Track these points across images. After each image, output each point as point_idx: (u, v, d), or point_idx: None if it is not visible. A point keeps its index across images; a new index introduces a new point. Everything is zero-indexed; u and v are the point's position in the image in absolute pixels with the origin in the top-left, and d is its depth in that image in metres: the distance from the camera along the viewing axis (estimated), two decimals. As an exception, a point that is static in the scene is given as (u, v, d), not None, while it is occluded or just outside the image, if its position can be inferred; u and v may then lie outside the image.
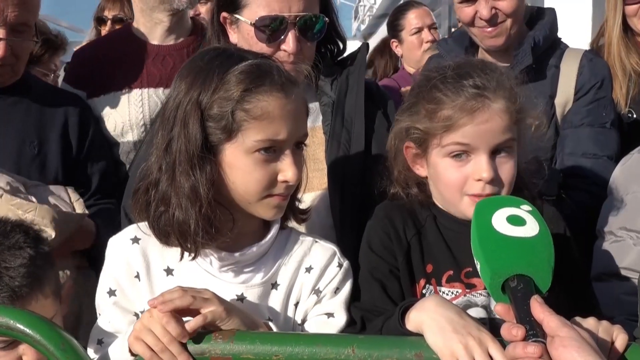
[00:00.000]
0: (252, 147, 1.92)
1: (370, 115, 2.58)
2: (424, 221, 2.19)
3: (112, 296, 2.06)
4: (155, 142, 2.03)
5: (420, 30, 5.33)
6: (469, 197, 2.06)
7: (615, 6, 3.55)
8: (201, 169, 1.91)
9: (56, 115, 3.06)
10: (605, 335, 1.68)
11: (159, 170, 1.98)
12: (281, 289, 2.06)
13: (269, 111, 1.91)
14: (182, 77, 2.00)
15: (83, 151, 3.08)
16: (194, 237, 1.93)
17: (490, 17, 2.95)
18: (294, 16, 2.39)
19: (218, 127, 1.92)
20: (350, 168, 2.49)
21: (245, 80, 1.91)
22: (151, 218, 2.01)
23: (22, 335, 1.84)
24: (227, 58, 1.98)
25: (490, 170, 2.02)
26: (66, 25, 16.57)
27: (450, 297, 2.08)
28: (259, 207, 2.00)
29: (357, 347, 1.73)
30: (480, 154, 2.04)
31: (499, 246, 1.70)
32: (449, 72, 2.10)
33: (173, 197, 1.94)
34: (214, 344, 1.78)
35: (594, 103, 3.01)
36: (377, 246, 2.15)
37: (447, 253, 2.14)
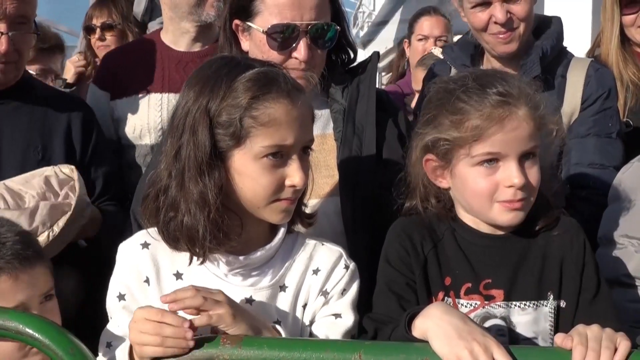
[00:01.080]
0: (260, 152, 1.96)
1: (381, 123, 2.60)
2: (441, 235, 2.20)
3: (122, 300, 2.09)
4: (165, 149, 2.06)
5: (425, 39, 5.31)
6: (500, 203, 2.09)
7: (613, 16, 3.56)
8: (210, 175, 1.95)
9: (60, 120, 3.07)
10: (608, 342, 1.71)
11: (169, 176, 2.01)
12: (289, 291, 2.10)
13: (276, 118, 1.95)
14: (191, 85, 2.04)
15: (87, 155, 3.10)
16: (202, 242, 1.97)
17: (505, 21, 2.94)
18: (305, 24, 2.42)
19: (226, 133, 1.96)
20: (362, 174, 2.51)
21: (252, 88, 1.95)
22: (160, 223, 2.04)
23: (31, 340, 1.87)
24: (234, 66, 2.02)
25: (520, 176, 2.05)
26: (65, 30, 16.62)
27: (469, 309, 2.11)
28: (268, 211, 2.03)
29: (364, 353, 1.75)
30: (509, 161, 2.06)
31: None
32: (469, 82, 2.12)
33: (182, 203, 1.98)
34: (222, 349, 1.80)
35: (601, 113, 3.01)
36: (395, 260, 2.16)
37: (465, 265, 2.16)
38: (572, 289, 2.13)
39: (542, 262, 2.16)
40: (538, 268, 2.15)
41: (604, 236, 2.53)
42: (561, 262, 2.15)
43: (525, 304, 2.12)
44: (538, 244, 2.18)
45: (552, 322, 2.13)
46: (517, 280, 2.13)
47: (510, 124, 2.05)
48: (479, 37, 3.08)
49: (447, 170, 2.16)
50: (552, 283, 2.14)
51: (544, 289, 2.13)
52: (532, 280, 2.14)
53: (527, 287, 2.13)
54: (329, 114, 2.62)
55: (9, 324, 1.87)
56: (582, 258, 2.15)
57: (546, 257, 2.16)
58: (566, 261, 2.15)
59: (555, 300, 2.13)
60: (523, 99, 2.08)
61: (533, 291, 2.13)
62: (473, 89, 2.10)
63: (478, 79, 2.14)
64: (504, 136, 2.05)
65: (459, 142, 2.09)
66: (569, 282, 2.14)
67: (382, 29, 18.73)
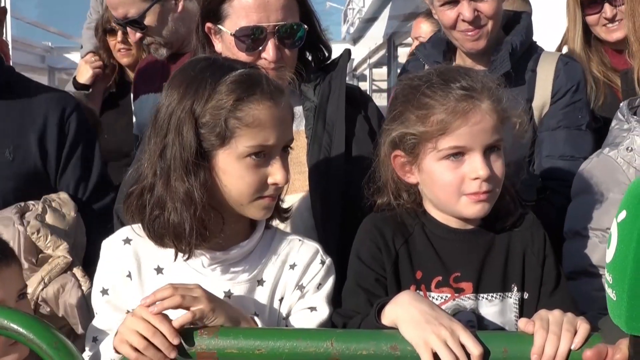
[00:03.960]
0: (244, 152, 2.02)
1: (351, 119, 2.65)
2: (412, 230, 2.24)
3: (105, 295, 2.14)
4: (148, 148, 2.10)
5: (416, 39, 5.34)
6: (467, 196, 2.13)
7: (575, 17, 3.64)
8: (195, 175, 2.00)
9: (34, 117, 2.95)
10: (569, 325, 1.76)
11: (154, 175, 2.06)
12: (267, 285, 2.15)
13: (260, 119, 2.01)
14: (174, 86, 2.08)
15: (62, 155, 2.99)
16: (189, 239, 2.02)
17: (473, 19, 2.99)
18: (272, 25, 2.47)
19: (211, 134, 2.01)
20: (331, 171, 2.56)
21: (237, 90, 2.01)
22: (146, 221, 2.09)
23: (15, 335, 1.89)
24: (217, 68, 2.07)
25: (486, 168, 2.09)
26: (55, 32, 16.60)
27: (440, 301, 2.15)
28: (251, 208, 2.09)
29: (336, 340, 1.81)
30: (474, 154, 2.10)
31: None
32: (434, 78, 2.16)
33: (168, 202, 2.03)
34: (199, 339, 1.85)
35: (570, 106, 3.07)
36: (366, 256, 2.20)
37: (435, 259, 2.20)
38: (534, 281, 2.19)
39: (505, 255, 2.21)
40: (502, 261, 2.20)
41: (569, 230, 2.58)
42: (523, 256, 2.21)
43: (492, 296, 2.17)
44: (502, 238, 2.23)
45: (517, 312, 2.18)
46: (483, 273, 2.18)
47: (474, 117, 2.09)
48: (449, 34, 3.13)
49: (415, 165, 2.20)
50: (515, 276, 2.19)
51: (508, 281, 2.19)
52: (497, 273, 2.19)
53: (493, 279, 2.18)
54: (302, 111, 2.67)
55: (-7, 319, 1.92)
56: (543, 251, 2.21)
57: (509, 250, 2.21)
58: (527, 254, 2.21)
59: (519, 292, 2.18)
60: (486, 92, 2.12)
61: (498, 283, 2.18)
62: (437, 84, 2.13)
63: (442, 74, 2.18)
64: (469, 129, 2.09)
65: (425, 137, 2.12)
66: (531, 274, 2.19)
67: (371, 25, 18.69)
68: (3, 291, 2.15)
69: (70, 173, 3.01)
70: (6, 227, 2.65)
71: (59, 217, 2.78)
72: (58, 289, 2.62)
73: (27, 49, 14.94)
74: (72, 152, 3.02)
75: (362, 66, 22.27)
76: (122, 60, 4.80)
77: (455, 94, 2.11)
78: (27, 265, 2.61)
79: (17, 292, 2.20)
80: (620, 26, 3.55)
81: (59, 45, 16.15)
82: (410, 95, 2.18)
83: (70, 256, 2.67)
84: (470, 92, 2.11)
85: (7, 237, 2.56)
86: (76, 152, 3.03)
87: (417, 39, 5.15)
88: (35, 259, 2.66)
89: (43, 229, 2.66)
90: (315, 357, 1.82)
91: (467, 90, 2.11)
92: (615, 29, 3.59)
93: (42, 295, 2.61)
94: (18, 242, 2.61)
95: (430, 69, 2.27)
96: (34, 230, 2.65)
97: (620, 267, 1.38)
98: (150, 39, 3.81)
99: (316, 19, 2.68)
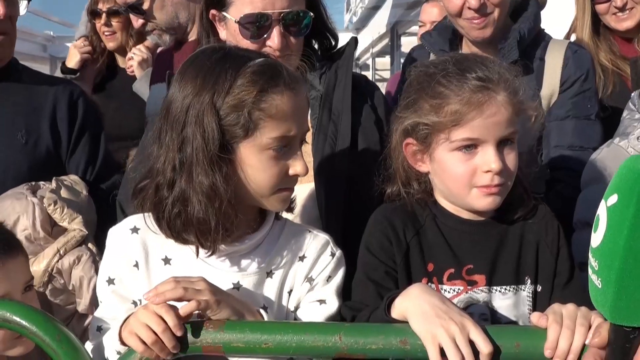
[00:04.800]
0: (267, 144, 1.99)
1: (358, 109, 2.62)
2: (423, 221, 2.21)
3: (111, 284, 2.12)
4: (163, 142, 2.05)
5: (424, 25, 5.32)
6: (478, 189, 2.10)
7: (584, 5, 3.62)
8: (220, 168, 1.97)
9: (45, 102, 3.06)
10: (583, 319, 1.72)
11: (173, 170, 2.01)
12: (276, 277, 2.12)
13: (283, 110, 1.99)
14: (188, 78, 2.03)
15: (72, 137, 3.10)
16: (214, 235, 1.99)
17: (479, 6, 2.97)
18: (277, 13, 2.44)
19: (235, 126, 1.98)
20: (337, 161, 2.54)
21: (259, 81, 1.98)
22: (165, 218, 2.04)
23: (18, 328, 1.90)
24: (234, 58, 2.04)
25: (498, 161, 2.05)
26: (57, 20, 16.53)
27: (452, 294, 2.13)
28: (272, 200, 2.07)
29: (344, 334, 1.79)
30: (487, 146, 2.07)
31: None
32: (450, 66, 2.13)
33: (193, 197, 1.98)
34: (205, 333, 1.84)
35: (579, 95, 3.05)
36: (376, 248, 2.18)
37: (447, 251, 2.17)
38: (548, 274, 2.16)
39: (519, 247, 2.17)
40: (516, 253, 2.17)
41: (578, 220, 2.56)
42: (537, 248, 2.17)
43: (506, 289, 2.14)
44: (515, 229, 2.19)
45: (530, 305, 2.15)
46: (497, 265, 2.15)
47: (489, 110, 2.05)
48: (454, 22, 3.11)
49: (427, 154, 2.17)
50: (529, 268, 2.16)
51: (522, 273, 2.16)
52: (510, 265, 2.16)
53: (506, 272, 2.15)
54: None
55: (-5, 313, 1.91)
56: (557, 243, 2.17)
57: (523, 242, 2.18)
58: (541, 246, 2.17)
59: (532, 284, 2.15)
60: (502, 84, 2.08)
61: (512, 276, 2.15)
62: (453, 73, 2.10)
63: (458, 63, 2.14)
64: (483, 121, 2.05)
65: (439, 127, 2.09)
66: (544, 267, 2.16)
67: (374, 13, 18.62)
68: (9, 283, 2.13)
69: (79, 155, 3.13)
70: (19, 199, 2.68)
71: (73, 193, 2.83)
72: (74, 260, 2.67)
73: (28, 38, 14.89)
74: (81, 134, 3.14)
75: (364, 55, 22.19)
76: (108, 44, 4.85)
77: (471, 84, 2.07)
78: (43, 235, 2.64)
79: (23, 285, 2.18)
80: (631, 15, 3.55)
81: (60, 34, 16.09)
82: (425, 83, 2.15)
83: (85, 229, 2.70)
84: (487, 83, 2.07)
85: (19, 209, 2.62)
86: (85, 135, 3.15)
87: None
88: (50, 230, 2.68)
89: (60, 202, 2.70)
90: (323, 351, 1.80)
91: (483, 81, 2.07)
92: (625, 18, 3.57)
93: (58, 267, 2.64)
94: (33, 213, 2.65)
95: (447, 57, 2.21)
96: (50, 202, 2.68)
97: (608, 254, 1.31)
98: (152, 24, 3.79)
99: (323, 6, 2.66)
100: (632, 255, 1.25)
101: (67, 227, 2.70)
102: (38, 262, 2.61)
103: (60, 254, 2.63)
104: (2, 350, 2.11)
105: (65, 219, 2.70)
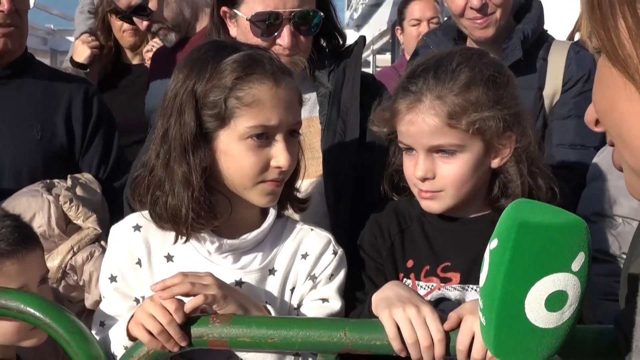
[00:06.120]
0: (245, 133, 1.99)
1: (366, 106, 2.64)
2: (410, 219, 2.25)
3: (113, 282, 2.12)
4: (155, 131, 2.11)
5: (419, 23, 5.34)
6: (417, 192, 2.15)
7: None
8: (194, 156, 1.98)
9: (60, 99, 3.09)
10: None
11: (156, 157, 2.06)
12: (278, 274, 2.13)
13: (259, 98, 1.98)
14: (180, 69, 2.07)
15: (87, 135, 3.12)
16: (185, 222, 2.00)
17: (480, 6, 2.99)
18: (288, 12, 2.47)
19: (212, 114, 1.99)
20: (345, 157, 2.56)
21: (237, 69, 1.99)
22: (148, 203, 2.08)
23: (32, 319, 1.93)
24: (221, 49, 2.06)
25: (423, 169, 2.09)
26: (57, 14, 16.55)
27: (427, 291, 2.14)
28: (253, 193, 2.06)
29: (349, 330, 1.80)
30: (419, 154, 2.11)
31: (519, 332, 1.36)
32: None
33: (167, 183, 2.02)
34: (211, 327, 1.85)
35: (581, 95, 3.07)
36: (366, 245, 2.24)
37: (427, 248, 2.19)
38: None
39: None
40: None
41: (582, 215, 2.58)
42: None
43: None
44: None
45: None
46: (477, 263, 2.14)
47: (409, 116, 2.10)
48: (458, 22, 3.15)
49: None
50: None
51: None
52: None
53: None
54: (316, 98, 2.66)
55: (10, 304, 1.94)
56: None
57: None
58: None
59: None
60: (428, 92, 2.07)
61: None
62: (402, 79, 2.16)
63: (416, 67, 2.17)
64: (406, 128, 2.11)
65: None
66: None
67: (375, 11, 18.66)
68: (27, 276, 2.15)
69: (93, 153, 3.15)
70: (34, 197, 2.70)
71: (87, 192, 2.85)
72: (87, 256, 2.68)
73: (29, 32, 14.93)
74: (95, 132, 3.16)
75: (365, 52, 22.24)
76: (128, 39, 4.79)
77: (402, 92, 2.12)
78: (57, 232, 2.66)
79: (40, 277, 2.20)
80: None
81: (61, 27, 16.12)
82: None
83: (99, 228, 2.72)
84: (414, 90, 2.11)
85: (35, 206, 2.63)
86: (99, 133, 3.17)
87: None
88: (65, 228, 2.71)
89: (75, 200, 2.72)
90: (328, 346, 1.82)
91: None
92: None
93: (71, 263, 2.65)
94: (48, 211, 2.66)
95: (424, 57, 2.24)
96: (66, 200, 2.70)
97: (489, 295, 1.35)
98: (158, 24, 3.80)
99: (333, 6, 2.68)
100: (508, 298, 1.29)
101: (82, 225, 2.72)
102: (52, 259, 2.63)
103: (74, 251, 2.65)
104: (17, 341, 2.13)
105: (80, 217, 2.71)
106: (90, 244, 2.69)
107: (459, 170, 2.08)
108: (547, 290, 1.29)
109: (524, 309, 1.30)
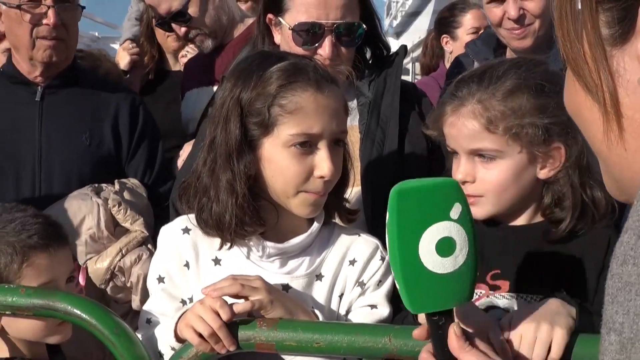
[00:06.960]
0: (288, 141, 2.01)
1: (405, 115, 2.66)
2: None
3: (161, 283, 2.16)
4: (205, 141, 2.14)
5: (477, 31, 5.30)
6: None
7: None
8: (239, 163, 2.01)
9: (107, 107, 3.20)
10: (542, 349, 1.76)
11: (203, 164, 2.09)
12: (325, 280, 2.14)
13: (302, 106, 2.00)
14: (228, 78, 2.12)
15: (133, 142, 3.22)
16: (229, 228, 2.03)
17: (518, 17, 2.98)
18: (331, 23, 2.50)
19: (256, 122, 2.02)
20: (383, 166, 2.57)
21: (281, 77, 2.01)
22: (195, 210, 2.12)
23: (78, 320, 1.98)
24: (266, 58, 2.10)
25: (460, 172, 2.11)
26: (101, 21, 16.75)
27: (475, 297, 2.09)
28: (295, 202, 2.06)
29: (394, 336, 1.82)
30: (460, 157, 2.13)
31: (424, 283, 1.47)
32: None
33: (212, 190, 2.05)
34: (258, 331, 1.89)
35: None
36: None
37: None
38: (584, 289, 2.06)
39: (559, 257, 2.10)
40: (553, 263, 2.10)
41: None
42: (580, 261, 2.08)
43: (533, 297, 2.08)
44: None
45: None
46: (527, 272, 2.10)
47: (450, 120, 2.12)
48: (497, 32, 3.14)
49: None
50: (565, 280, 2.06)
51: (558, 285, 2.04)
52: (544, 275, 2.09)
53: (537, 280, 2.09)
54: (356, 106, 2.67)
55: (58, 305, 1.99)
56: (602, 259, 2.04)
57: (564, 252, 2.10)
58: (586, 260, 2.07)
59: None
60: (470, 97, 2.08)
61: (542, 286, 2.06)
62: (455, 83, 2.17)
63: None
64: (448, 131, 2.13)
65: None
66: (582, 282, 2.06)
67: (415, 19, 18.65)
68: (57, 271, 2.22)
69: (138, 160, 3.24)
70: (84, 200, 2.78)
71: (134, 196, 2.93)
72: (135, 259, 2.75)
73: (74, 39, 15.11)
74: (141, 140, 3.26)
75: (404, 60, 22.24)
76: (172, 44, 4.85)
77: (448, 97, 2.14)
78: (106, 234, 2.74)
79: (68, 274, 2.27)
80: None
81: (105, 35, 16.30)
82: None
83: (146, 231, 2.79)
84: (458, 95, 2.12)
85: (85, 209, 2.73)
86: (144, 141, 3.27)
87: None
88: (113, 230, 2.78)
89: (123, 203, 2.79)
90: (373, 352, 1.83)
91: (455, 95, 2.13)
92: None
93: (120, 265, 2.72)
94: (98, 213, 2.75)
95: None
96: (115, 203, 2.78)
97: (392, 260, 1.49)
98: (196, 30, 3.85)
99: (378, 19, 2.71)
100: (405, 254, 1.45)
101: (129, 228, 2.79)
102: (101, 260, 2.70)
103: (123, 253, 2.71)
104: (43, 337, 2.19)
105: (128, 219, 2.78)
106: (138, 247, 2.75)
107: (499, 176, 2.07)
108: (433, 238, 1.45)
109: (420, 259, 1.45)
